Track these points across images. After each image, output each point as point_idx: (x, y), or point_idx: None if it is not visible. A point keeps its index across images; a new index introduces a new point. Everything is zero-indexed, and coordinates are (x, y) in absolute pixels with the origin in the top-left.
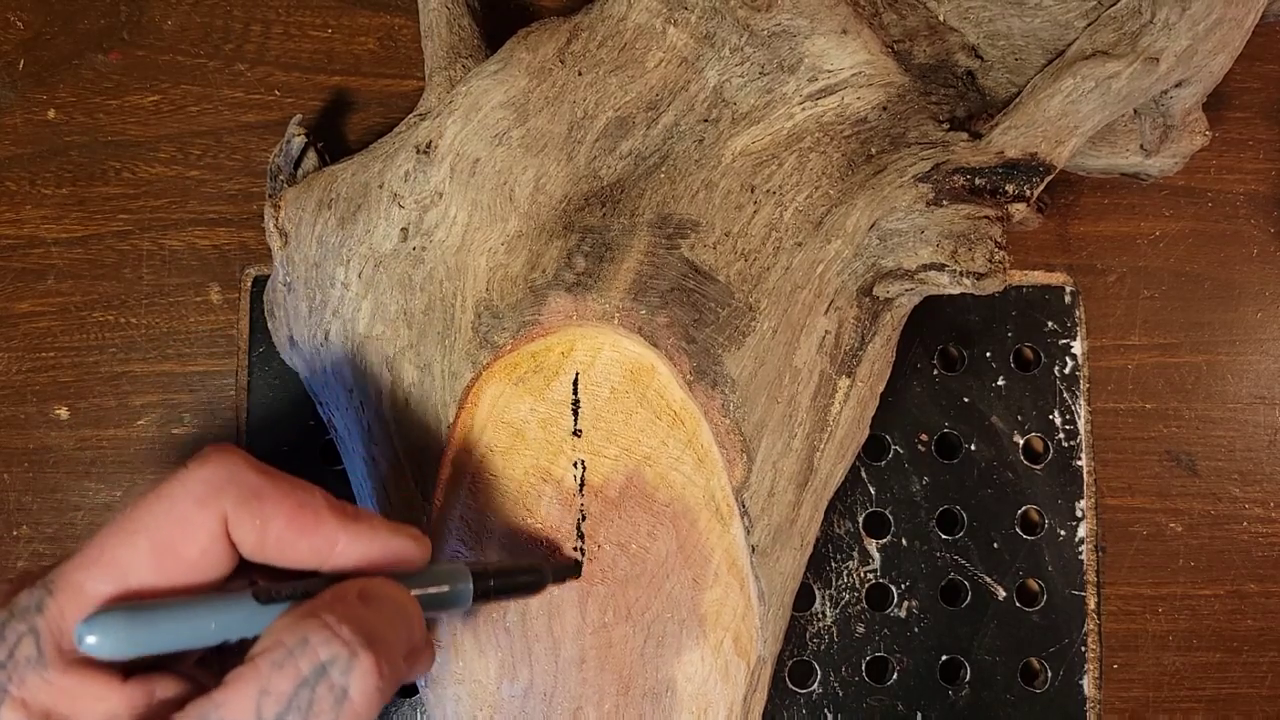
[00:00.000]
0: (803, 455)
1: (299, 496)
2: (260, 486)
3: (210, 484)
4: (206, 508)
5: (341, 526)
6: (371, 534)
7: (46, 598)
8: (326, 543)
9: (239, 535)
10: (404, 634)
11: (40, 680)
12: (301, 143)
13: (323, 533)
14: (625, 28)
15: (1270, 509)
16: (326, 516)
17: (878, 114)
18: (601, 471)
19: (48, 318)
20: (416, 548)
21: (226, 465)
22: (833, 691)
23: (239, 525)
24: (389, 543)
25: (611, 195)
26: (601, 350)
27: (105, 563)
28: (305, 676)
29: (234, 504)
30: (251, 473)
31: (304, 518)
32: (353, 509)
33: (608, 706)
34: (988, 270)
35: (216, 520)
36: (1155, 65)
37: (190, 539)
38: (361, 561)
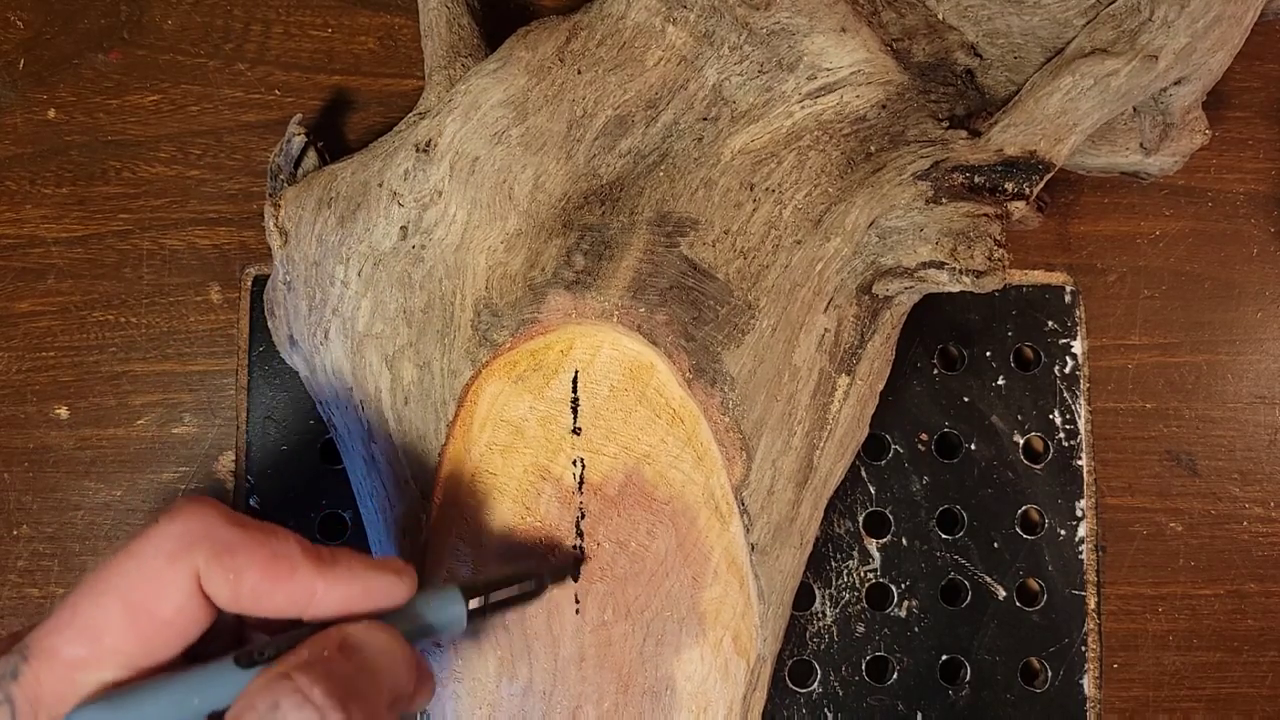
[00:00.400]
0: (802, 453)
1: (273, 546)
2: (232, 539)
3: (181, 539)
4: (178, 564)
5: (318, 573)
6: (350, 577)
7: (21, 665)
8: (304, 591)
9: (213, 589)
10: (389, 680)
11: None
12: (301, 142)
13: (299, 581)
14: (624, 26)
15: (1270, 509)
16: (302, 564)
17: (877, 112)
18: (601, 469)
19: (48, 317)
20: (400, 583)
21: (197, 519)
22: (833, 691)
23: (212, 580)
24: (370, 583)
25: (611, 193)
26: (601, 348)
27: (78, 626)
28: None
29: (206, 559)
30: (223, 525)
31: (278, 568)
32: (329, 553)
33: (607, 705)
34: (987, 268)
35: (188, 577)
36: (1154, 63)
37: (163, 597)
38: (343, 606)
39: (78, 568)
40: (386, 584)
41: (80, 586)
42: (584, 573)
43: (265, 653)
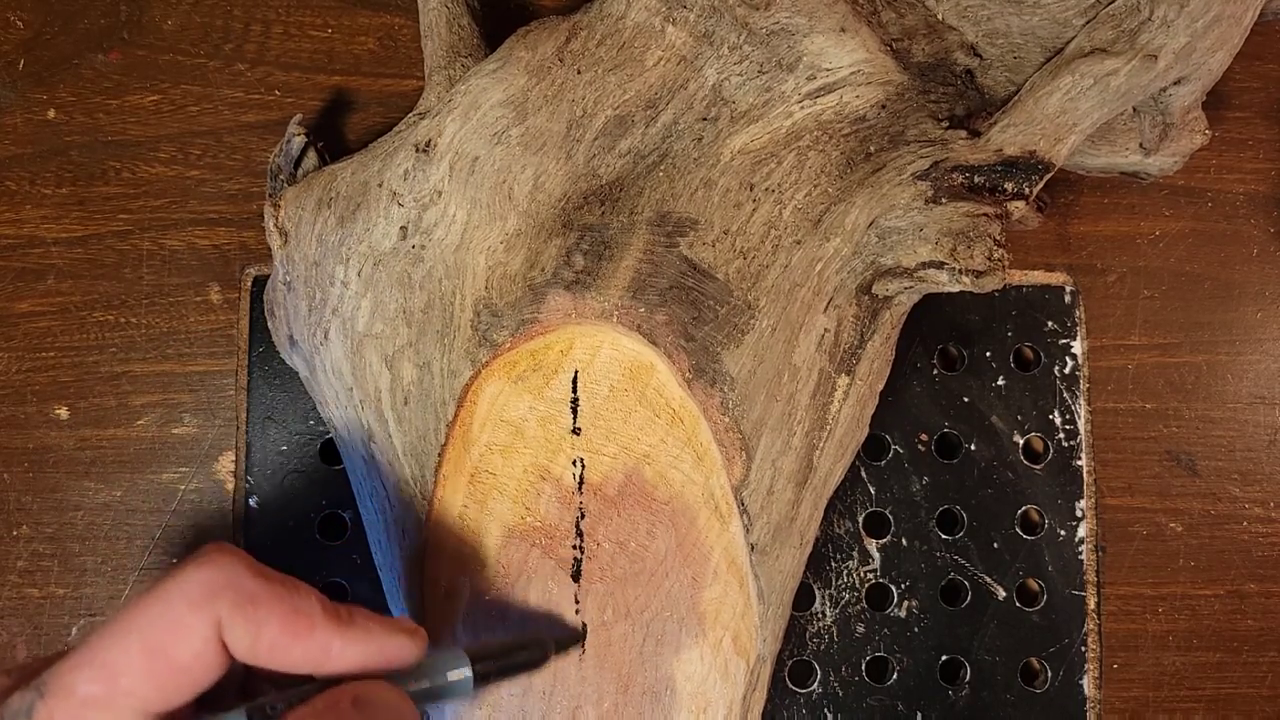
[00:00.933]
0: (802, 453)
1: (294, 601)
2: (256, 591)
3: (206, 587)
4: (200, 611)
5: (336, 631)
6: (366, 637)
7: (37, 701)
8: (321, 648)
9: (232, 640)
10: None
11: None
12: (301, 142)
13: (317, 638)
14: (624, 26)
15: (1270, 509)
16: (321, 622)
17: (876, 112)
18: (600, 469)
19: (48, 318)
20: (412, 644)
21: (224, 568)
22: (833, 691)
23: (233, 630)
24: (384, 643)
25: (610, 193)
26: (600, 348)
27: (97, 664)
28: None
29: (229, 609)
30: (248, 576)
31: (298, 624)
32: (346, 611)
33: (607, 705)
34: (987, 268)
35: (210, 624)
36: (1154, 63)
37: (183, 642)
38: (356, 665)
39: (78, 568)
40: (399, 644)
41: (104, 625)
42: (584, 572)
43: (277, 708)
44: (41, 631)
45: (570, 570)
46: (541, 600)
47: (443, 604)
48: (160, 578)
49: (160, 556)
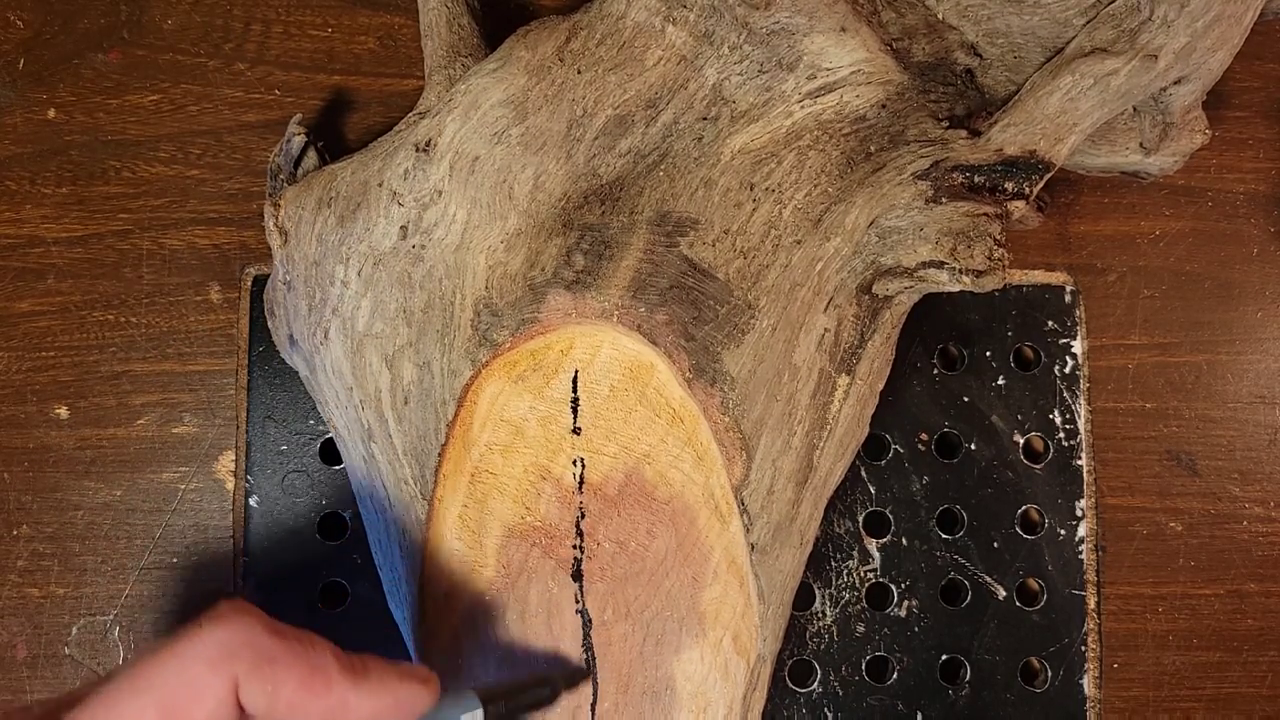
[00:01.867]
0: (802, 453)
1: (310, 659)
2: (273, 650)
3: (224, 647)
4: (217, 671)
5: (352, 686)
6: (381, 689)
7: None
8: (339, 704)
9: (250, 700)
10: None
11: None
12: (301, 142)
13: (334, 695)
14: (624, 26)
15: (1270, 509)
16: (337, 678)
17: (876, 112)
18: (601, 469)
19: (48, 317)
20: (425, 692)
21: (240, 627)
22: (833, 691)
23: (250, 690)
24: (398, 694)
25: (610, 193)
26: (601, 348)
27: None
28: None
29: (246, 669)
30: (265, 635)
31: (315, 681)
32: (360, 663)
33: (607, 704)
34: (987, 268)
35: (226, 684)
36: (1154, 62)
37: (198, 702)
38: (371, 717)
39: (78, 568)
40: (412, 694)
41: (118, 678)
42: (584, 572)
43: None
44: (41, 631)
45: (570, 570)
46: (541, 600)
47: (443, 604)
48: (173, 636)
49: (160, 556)
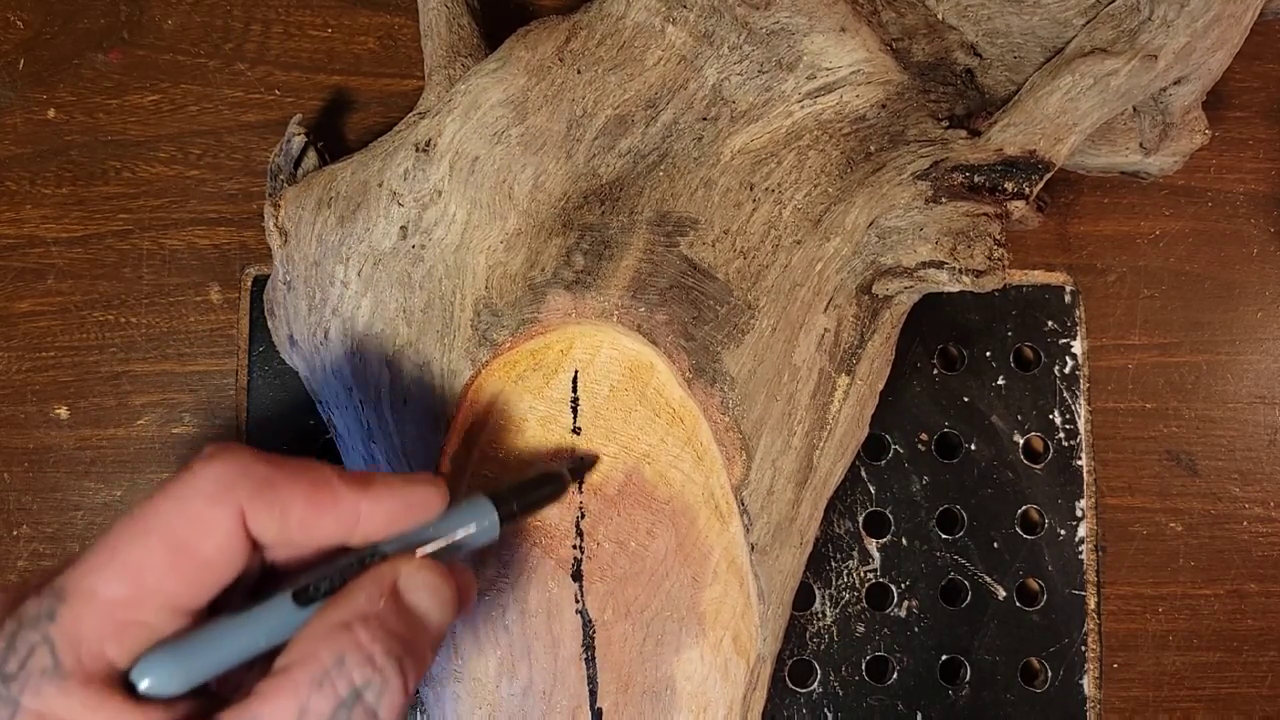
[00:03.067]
0: (802, 453)
1: (311, 476)
2: (271, 475)
3: (221, 481)
4: (220, 505)
5: (360, 495)
6: (390, 495)
7: (58, 605)
8: (349, 515)
9: (260, 528)
10: (436, 626)
11: (58, 692)
12: (301, 142)
13: (343, 506)
14: (624, 26)
15: (1270, 509)
16: (342, 490)
17: (876, 112)
18: (601, 469)
19: (48, 317)
20: (436, 495)
21: (234, 460)
22: (833, 691)
23: (258, 518)
24: (409, 498)
25: (610, 193)
26: (600, 348)
27: (118, 565)
28: (343, 699)
29: (249, 497)
30: (259, 464)
31: (321, 496)
32: (363, 475)
33: (607, 704)
34: (987, 268)
35: (232, 517)
36: (1154, 62)
37: (206, 537)
38: (385, 525)
39: None
40: (424, 496)
41: (116, 528)
42: (584, 573)
43: (320, 588)
44: None
45: (570, 570)
46: (541, 600)
47: None
48: (165, 481)
49: None
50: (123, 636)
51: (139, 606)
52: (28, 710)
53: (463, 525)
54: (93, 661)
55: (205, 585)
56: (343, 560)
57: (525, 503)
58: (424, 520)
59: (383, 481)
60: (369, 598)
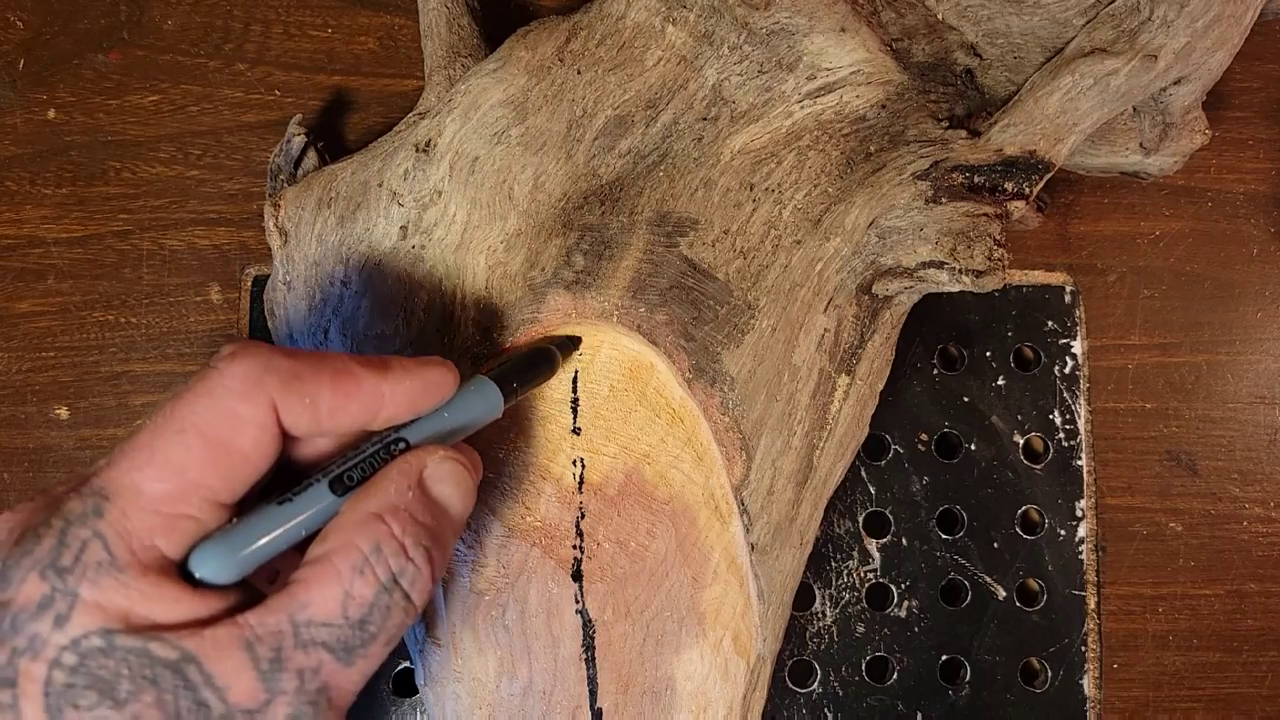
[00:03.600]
0: (802, 453)
1: (333, 365)
2: (296, 368)
3: (249, 377)
4: (252, 400)
5: (381, 378)
6: (407, 376)
7: (104, 503)
8: (373, 398)
9: (292, 419)
10: (459, 515)
11: (116, 583)
12: (301, 142)
13: (367, 389)
14: (624, 26)
15: (1270, 509)
16: (364, 375)
17: (876, 112)
18: (601, 469)
19: (48, 318)
20: (448, 375)
21: (259, 356)
22: (833, 691)
23: (290, 409)
24: (425, 378)
25: (610, 193)
26: (600, 348)
27: (159, 462)
28: (383, 584)
29: (279, 390)
30: (283, 358)
31: (346, 383)
32: (378, 360)
33: (607, 704)
34: (987, 268)
35: (265, 410)
36: (1154, 62)
37: (242, 431)
38: (406, 405)
39: None
40: (438, 376)
41: (149, 427)
42: (584, 573)
43: (354, 475)
44: None
45: (570, 570)
46: (541, 600)
47: None
48: (192, 380)
49: None
50: (171, 530)
51: (184, 501)
52: (87, 601)
53: (472, 406)
54: (146, 553)
55: (243, 478)
56: (368, 447)
57: (524, 379)
58: (438, 401)
59: (399, 364)
60: (398, 489)
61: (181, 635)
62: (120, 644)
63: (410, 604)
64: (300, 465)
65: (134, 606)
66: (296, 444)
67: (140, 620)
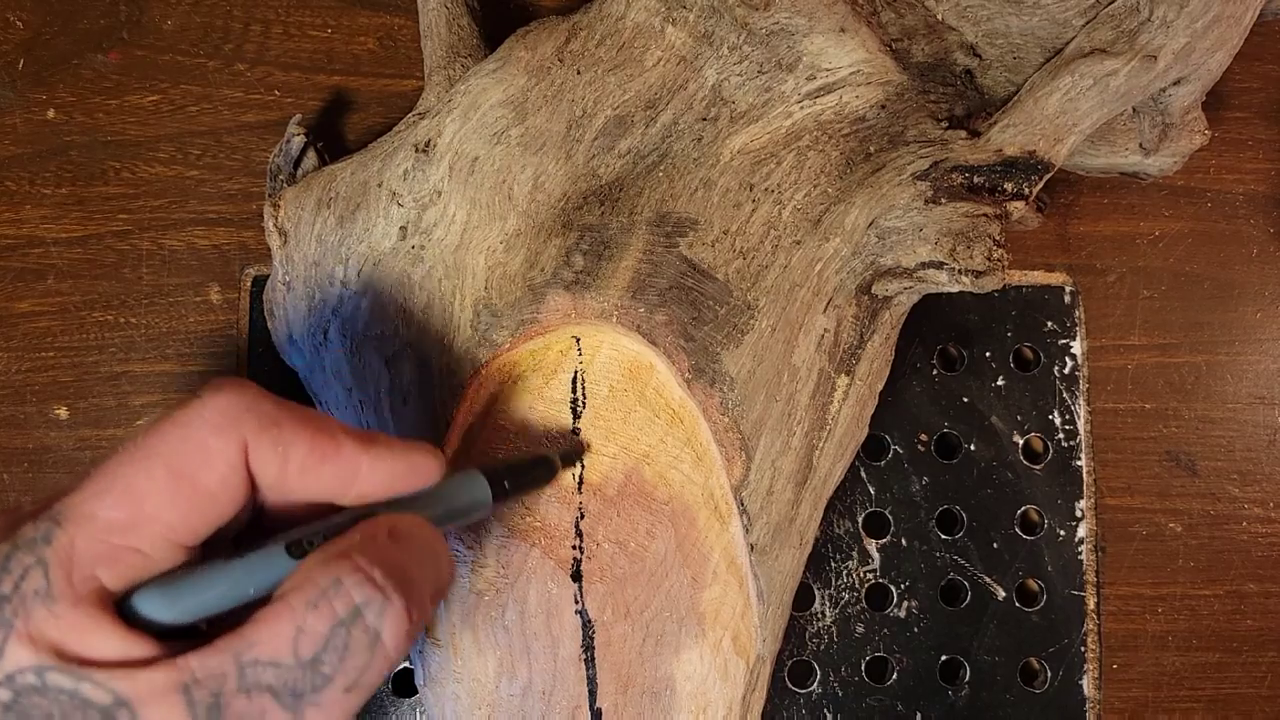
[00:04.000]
0: (801, 453)
1: (316, 423)
2: (278, 414)
3: (228, 413)
4: (225, 436)
5: (362, 450)
6: (390, 455)
7: (54, 529)
8: (349, 469)
9: (261, 465)
10: (432, 574)
11: (49, 614)
12: (301, 142)
13: (344, 458)
14: (624, 26)
15: (1270, 509)
16: (345, 442)
17: (876, 112)
18: (600, 469)
19: (47, 318)
20: (433, 461)
21: (243, 394)
22: (832, 691)
23: (260, 454)
24: (409, 462)
25: (610, 194)
26: (600, 348)
27: (118, 490)
28: (341, 618)
29: (254, 432)
30: (267, 402)
31: (324, 444)
32: (366, 432)
33: (607, 705)
34: (986, 268)
35: (236, 449)
36: (1153, 63)
37: (209, 467)
38: (383, 485)
39: None
40: (423, 462)
41: (118, 455)
42: (584, 573)
43: (315, 541)
44: None
45: (570, 570)
46: (541, 600)
47: None
48: (171, 409)
49: None
50: (117, 562)
51: (136, 533)
52: (20, 632)
53: (456, 498)
54: (84, 585)
55: (204, 518)
56: (337, 517)
57: (517, 482)
58: (419, 486)
59: (384, 442)
60: (364, 535)
61: (116, 676)
62: (52, 682)
63: (379, 642)
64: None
65: (65, 639)
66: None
67: (72, 654)
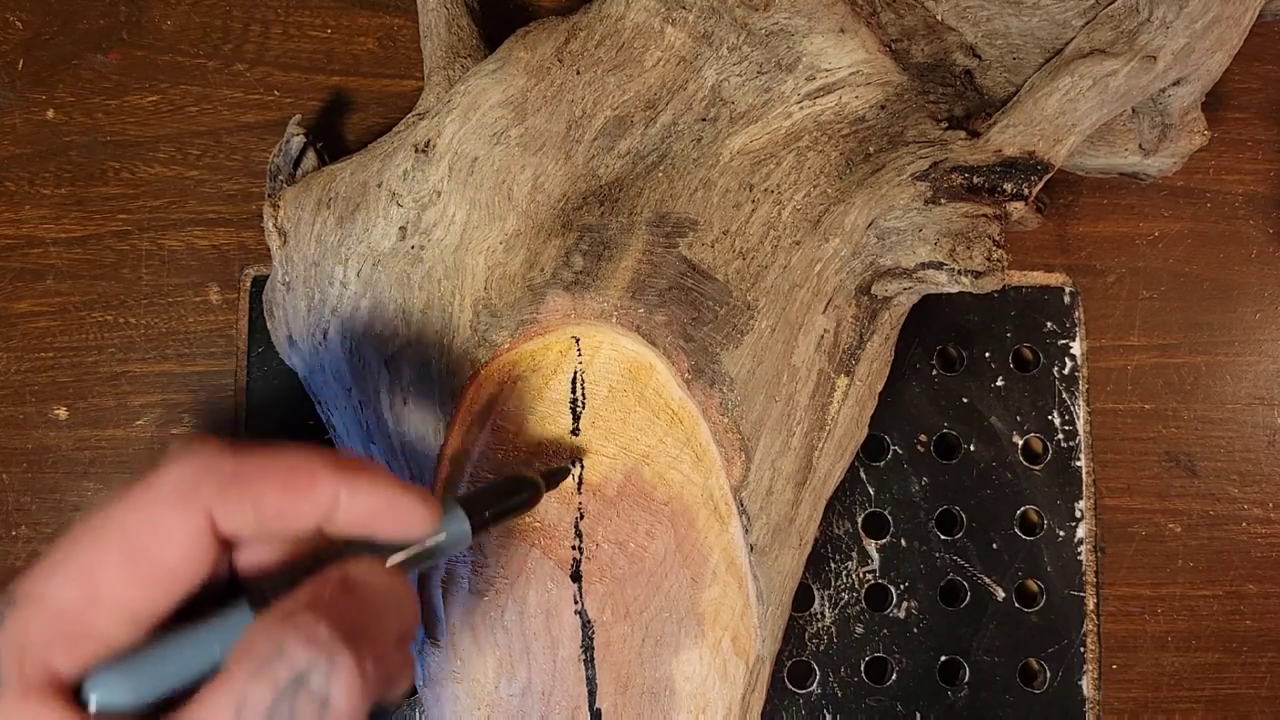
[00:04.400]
0: (801, 454)
1: (287, 463)
2: (240, 469)
3: (185, 481)
4: (184, 507)
5: (342, 480)
6: (373, 489)
7: (6, 611)
8: (329, 501)
9: (232, 523)
10: (394, 618)
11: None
12: (301, 143)
13: (322, 489)
14: (623, 27)
15: (1269, 509)
16: (323, 473)
17: (876, 113)
18: (600, 470)
19: (47, 318)
20: (425, 511)
21: (199, 459)
22: (832, 692)
23: (228, 514)
24: (395, 500)
25: (610, 194)
26: (600, 349)
27: (72, 572)
28: (283, 687)
29: (216, 496)
30: (226, 458)
31: (298, 481)
32: (357, 462)
33: (606, 705)
34: (986, 269)
35: (197, 519)
36: (1153, 63)
37: (167, 542)
38: (366, 520)
39: None
40: (411, 507)
41: (72, 533)
42: (584, 573)
43: (278, 589)
44: None
45: (569, 570)
46: (540, 601)
47: None
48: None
49: None
50: (72, 646)
51: (92, 614)
52: None
53: (433, 534)
54: (37, 672)
55: (166, 592)
56: (303, 564)
57: (498, 510)
58: (407, 533)
59: (373, 475)
60: (313, 589)
61: None
62: None
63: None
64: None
65: None
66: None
67: None
